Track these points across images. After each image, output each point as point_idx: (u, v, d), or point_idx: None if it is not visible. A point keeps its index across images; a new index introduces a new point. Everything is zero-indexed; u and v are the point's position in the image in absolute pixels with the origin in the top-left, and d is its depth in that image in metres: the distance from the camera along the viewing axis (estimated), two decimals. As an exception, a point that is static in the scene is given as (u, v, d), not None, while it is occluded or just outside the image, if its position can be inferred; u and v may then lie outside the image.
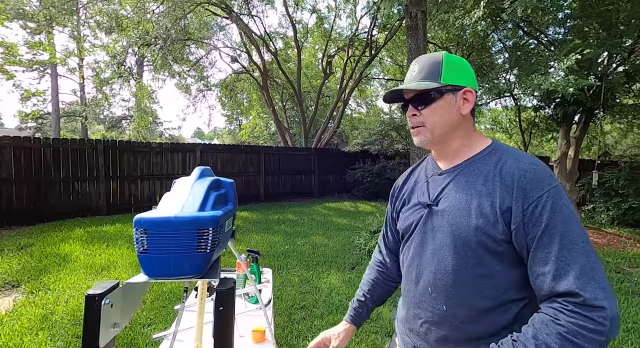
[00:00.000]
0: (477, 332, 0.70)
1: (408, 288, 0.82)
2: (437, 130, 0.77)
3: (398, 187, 0.95)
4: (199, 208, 0.66)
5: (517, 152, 0.74)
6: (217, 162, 8.24)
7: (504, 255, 0.68)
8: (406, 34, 5.03)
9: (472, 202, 0.71)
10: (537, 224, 0.63)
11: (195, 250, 0.62)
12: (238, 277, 1.73)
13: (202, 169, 0.82)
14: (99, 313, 0.50)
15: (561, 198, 0.64)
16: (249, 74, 12.52)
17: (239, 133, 23.05)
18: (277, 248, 4.51)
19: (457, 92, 0.78)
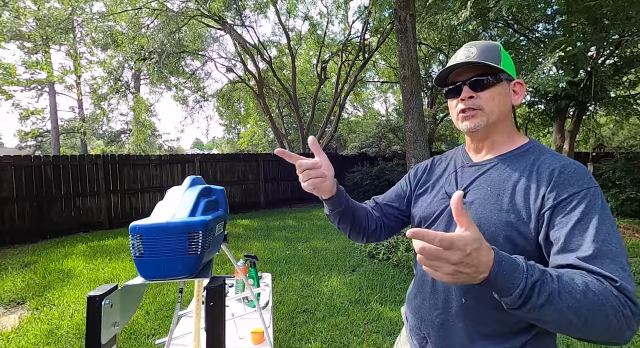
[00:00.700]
0: (495, 327, 0.68)
1: (424, 279, 0.80)
2: (493, 116, 0.74)
3: (428, 168, 0.92)
4: (189, 214, 0.71)
5: (556, 153, 0.73)
6: (216, 171, 8.31)
7: (530, 254, 0.65)
8: (397, 38, 5.13)
9: (504, 196, 0.68)
10: (570, 215, 0.60)
11: (187, 252, 0.67)
12: (237, 282, 1.77)
13: (192, 178, 0.87)
14: (99, 312, 0.55)
15: (599, 199, 0.61)
16: (245, 83, 12.65)
17: (237, 142, 23.18)
18: (279, 254, 4.55)
19: (510, 82, 0.76)
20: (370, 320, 2.66)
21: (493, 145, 0.78)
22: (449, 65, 0.76)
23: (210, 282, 0.66)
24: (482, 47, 0.75)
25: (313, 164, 0.77)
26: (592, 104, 5.35)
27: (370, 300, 3.02)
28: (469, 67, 0.75)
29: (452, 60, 0.77)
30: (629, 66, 4.93)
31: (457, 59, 0.76)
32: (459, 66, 0.75)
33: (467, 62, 0.74)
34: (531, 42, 6.07)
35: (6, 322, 2.77)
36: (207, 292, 0.64)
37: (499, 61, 0.73)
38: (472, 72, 0.75)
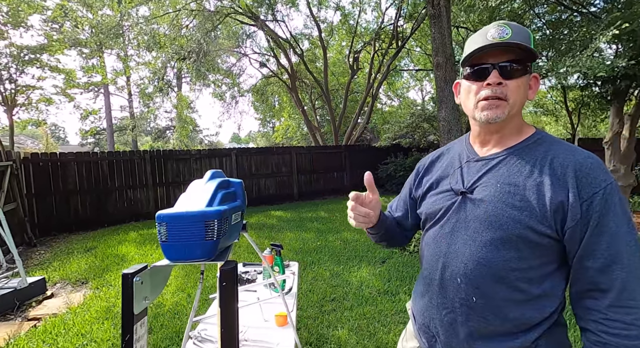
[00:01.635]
0: (506, 325, 0.68)
1: (432, 277, 0.78)
2: (514, 109, 0.70)
3: (424, 167, 0.91)
4: (207, 204, 0.80)
5: (566, 143, 0.70)
6: (251, 164, 8.64)
7: (545, 250, 0.66)
8: (430, 23, 4.92)
9: (516, 193, 0.67)
10: (588, 222, 0.62)
11: (204, 238, 0.75)
12: (265, 269, 1.88)
13: (212, 171, 0.95)
14: (132, 287, 0.65)
15: (615, 196, 0.62)
16: (278, 77, 12.88)
17: (272, 135, 23.76)
18: (310, 245, 4.67)
19: (529, 75, 0.72)
20: (398, 311, 2.67)
21: (502, 138, 0.75)
22: (484, 45, 0.68)
23: (225, 265, 0.74)
24: (516, 28, 0.68)
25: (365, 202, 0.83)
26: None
27: (399, 292, 3.02)
28: (503, 48, 0.68)
29: (481, 38, 0.70)
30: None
31: (488, 37, 0.68)
32: (496, 46, 0.68)
33: (506, 43, 0.66)
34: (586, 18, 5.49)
35: (73, 299, 3.18)
36: (220, 274, 0.71)
37: (532, 46, 0.68)
38: (503, 55, 0.69)
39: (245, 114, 32.69)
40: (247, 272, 2.03)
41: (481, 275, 0.69)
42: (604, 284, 0.61)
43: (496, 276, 0.67)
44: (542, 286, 0.67)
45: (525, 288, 0.67)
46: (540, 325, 0.67)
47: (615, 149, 5.59)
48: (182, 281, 3.44)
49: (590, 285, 0.63)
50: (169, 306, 2.90)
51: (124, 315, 0.65)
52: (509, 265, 0.67)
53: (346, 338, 2.32)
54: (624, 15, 3.31)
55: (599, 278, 0.62)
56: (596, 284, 0.62)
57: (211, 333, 1.35)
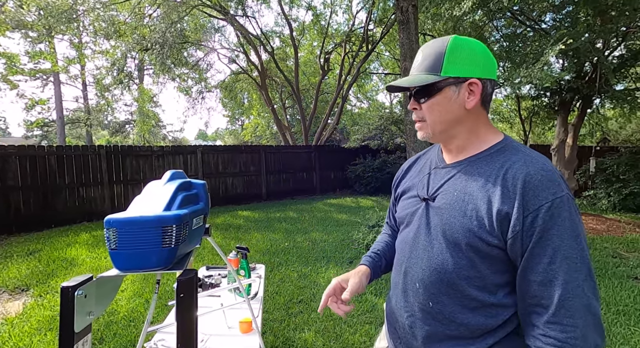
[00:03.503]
0: (461, 330, 0.69)
1: (396, 281, 0.81)
2: (437, 127, 0.73)
3: (403, 172, 0.93)
4: (164, 208, 0.73)
5: (528, 153, 0.68)
6: (218, 162, 8.35)
7: (495, 260, 0.66)
8: (398, 29, 5.05)
9: (468, 203, 0.68)
10: (531, 235, 0.61)
11: (161, 245, 0.69)
12: (229, 273, 1.81)
13: (172, 172, 0.89)
14: (72, 302, 0.58)
15: (564, 210, 0.61)
16: (247, 74, 12.59)
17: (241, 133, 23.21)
18: (278, 246, 4.60)
19: (461, 84, 0.70)
20: (364, 311, 2.71)
21: (460, 148, 0.76)
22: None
23: (182, 274, 0.68)
24: (426, 53, 0.73)
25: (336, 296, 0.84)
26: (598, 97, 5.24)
27: (365, 292, 3.06)
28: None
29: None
30: (635, 59, 4.82)
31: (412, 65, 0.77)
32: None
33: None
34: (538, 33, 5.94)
35: (10, 308, 2.86)
36: (178, 284, 0.66)
37: (439, 68, 0.70)
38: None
39: (212, 110, 31.58)
40: (211, 276, 1.93)
41: (436, 281, 0.71)
42: (545, 299, 0.61)
43: (450, 283, 0.69)
44: (496, 295, 0.68)
45: (478, 295, 0.68)
46: (496, 332, 0.68)
47: (561, 155, 6.12)
48: (140, 285, 3.23)
49: (533, 299, 0.63)
50: (123, 313, 2.70)
51: (62, 333, 0.58)
52: (462, 273, 0.68)
53: (312, 341, 2.30)
54: (569, 33, 3.62)
55: (540, 293, 0.62)
56: (538, 299, 0.62)
57: (170, 343, 1.26)
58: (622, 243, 4.46)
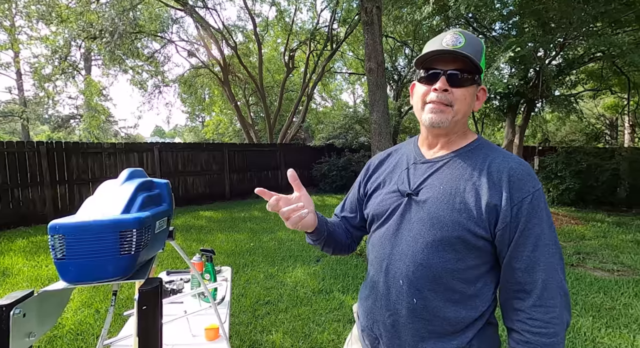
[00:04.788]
0: (444, 326, 0.70)
1: (376, 279, 0.78)
2: (458, 116, 0.72)
3: (374, 166, 0.90)
4: (122, 211, 0.66)
5: (502, 150, 0.74)
6: (177, 161, 7.93)
7: (480, 251, 0.68)
8: (363, 29, 5.14)
9: (456, 195, 0.69)
10: (517, 226, 0.65)
11: (119, 253, 0.62)
12: (193, 278, 1.71)
13: (131, 170, 0.80)
14: (7, 323, 0.49)
15: (541, 202, 0.67)
16: (209, 68, 12.09)
17: (202, 130, 22.25)
18: (243, 246, 4.47)
19: (479, 86, 0.74)
20: (332, 309, 2.71)
21: (447, 142, 0.77)
22: (435, 49, 0.70)
23: (145, 283, 0.61)
24: (471, 39, 0.70)
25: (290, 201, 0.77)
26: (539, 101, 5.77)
27: (333, 290, 3.07)
28: (453, 56, 0.69)
29: (436, 43, 0.71)
30: (570, 67, 5.38)
31: (443, 43, 0.70)
32: (445, 53, 0.69)
33: (456, 52, 0.68)
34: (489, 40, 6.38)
35: None
36: (140, 295, 0.59)
37: (480, 58, 0.70)
38: (453, 62, 0.70)
39: (171, 105, 29.90)
40: (172, 281, 1.82)
41: (422, 276, 0.70)
42: (529, 285, 0.65)
43: (435, 277, 0.69)
44: (476, 286, 0.70)
45: (461, 288, 0.69)
46: (474, 324, 0.70)
47: (509, 154, 6.64)
48: (89, 294, 2.96)
49: (517, 285, 0.67)
50: (70, 326, 2.45)
51: (-3, 360, 0.49)
52: (447, 266, 0.69)
53: (281, 342, 2.26)
54: (517, 41, 3.93)
55: (524, 279, 0.66)
56: (522, 285, 0.66)
57: (126, 357, 1.15)
58: (560, 234, 4.95)
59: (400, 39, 10.92)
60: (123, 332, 1.32)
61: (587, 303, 2.78)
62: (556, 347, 0.64)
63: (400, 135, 11.85)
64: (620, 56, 4.79)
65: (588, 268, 3.64)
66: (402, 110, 11.12)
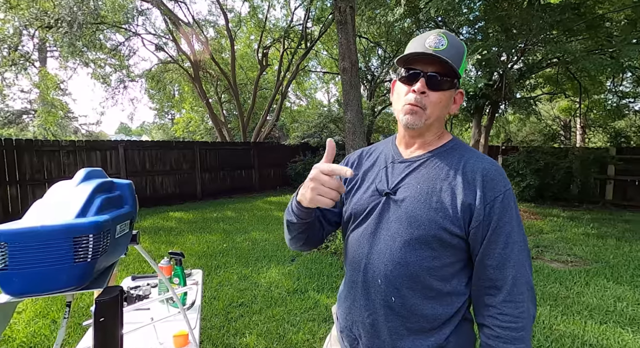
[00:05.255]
0: (422, 323, 0.71)
1: (354, 279, 0.77)
2: (431, 120, 0.73)
3: (353, 163, 0.88)
4: (77, 214, 0.60)
5: (475, 151, 0.76)
6: (145, 160, 7.56)
7: (455, 249, 0.70)
8: (337, 29, 5.16)
9: (433, 195, 0.70)
10: (489, 224, 0.67)
11: (73, 260, 0.57)
12: (161, 282, 1.63)
13: (87, 170, 0.74)
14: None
15: (512, 200, 0.69)
16: (178, 64, 11.62)
17: (171, 128, 21.39)
18: (215, 247, 4.35)
19: (456, 90, 0.75)
20: (307, 309, 2.70)
21: (424, 142, 0.78)
22: (417, 51, 0.70)
23: (103, 293, 0.57)
24: (453, 42, 0.71)
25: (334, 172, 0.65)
26: (503, 103, 6.09)
27: (308, 289, 3.06)
28: (434, 58, 0.70)
29: (419, 43, 0.72)
30: (530, 72, 5.74)
31: (425, 44, 0.70)
32: (426, 55, 0.70)
33: (437, 56, 0.68)
34: (457, 44, 6.63)
35: None
36: (97, 306, 0.55)
37: (459, 65, 0.71)
38: (433, 64, 0.71)
39: (137, 102, 28.47)
40: (138, 286, 1.72)
41: (400, 275, 0.70)
42: (499, 281, 0.68)
43: (413, 275, 0.70)
44: (451, 283, 0.72)
45: (437, 285, 0.71)
46: (451, 320, 0.72)
47: (476, 153, 6.96)
48: (43, 304, 2.74)
49: (488, 282, 0.69)
50: (21, 339, 2.26)
51: None
52: (424, 264, 0.70)
53: (255, 345, 2.22)
54: (483, 45, 4.12)
55: (495, 276, 0.68)
56: (493, 281, 0.68)
57: (86, 371, 1.07)
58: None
59: (374, 40, 11.10)
60: (82, 344, 1.23)
61: (545, 293, 2.97)
62: (524, 339, 0.66)
63: (373, 135, 12.06)
64: (573, 62, 5.17)
65: (546, 261, 3.90)
66: (376, 110, 11.32)
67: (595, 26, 5.26)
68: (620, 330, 2.36)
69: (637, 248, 4.26)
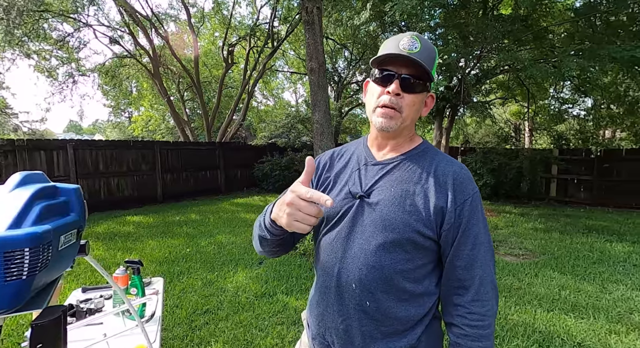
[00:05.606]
0: (396, 326, 0.71)
1: (327, 284, 0.76)
2: (406, 122, 0.73)
3: (325, 165, 0.86)
4: (10, 225, 0.53)
5: (444, 154, 0.78)
6: (98, 160, 7.02)
7: (427, 251, 0.71)
8: (304, 29, 5.15)
9: (406, 198, 0.70)
10: (459, 226, 0.69)
11: (4, 279, 0.50)
12: (115, 294, 1.51)
13: (24, 174, 0.65)
14: None
15: (479, 203, 0.72)
16: (136, 59, 10.95)
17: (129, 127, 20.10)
18: (178, 253, 4.14)
19: (428, 92, 0.76)
20: (275, 313, 2.66)
21: (396, 145, 0.78)
22: (391, 53, 0.70)
23: (41, 315, 0.50)
24: (426, 45, 0.71)
25: (313, 198, 0.60)
26: (462, 106, 6.45)
27: (277, 292, 3.02)
28: (408, 60, 0.69)
29: (393, 44, 0.71)
30: (485, 77, 6.14)
31: (400, 46, 0.70)
32: (401, 57, 0.69)
33: (411, 58, 0.68)
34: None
35: None
36: (33, 331, 0.48)
37: (432, 68, 0.72)
38: (407, 66, 0.70)
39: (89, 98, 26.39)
40: (89, 299, 1.58)
41: (374, 279, 0.70)
42: (467, 281, 0.70)
43: (387, 278, 0.70)
44: (423, 284, 0.73)
45: (410, 287, 0.71)
46: (422, 321, 0.73)
47: (437, 154, 7.30)
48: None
49: (457, 282, 0.71)
50: (-50, 366, 1.99)
51: None
52: (398, 267, 0.70)
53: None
54: (444, 50, 4.33)
55: (463, 276, 0.70)
56: (461, 281, 0.70)
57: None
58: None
59: (340, 42, 11.24)
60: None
61: (500, 285, 3.18)
62: (489, 336, 0.69)
63: (341, 135, 12.21)
64: (522, 70, 5.60)
65: (501, 254, 4.18)
66: (343, 111, 11.46)
67: (540, 37, 5.75)
68: (564, 316, 2.59)
69: (577, 240, 4.71)
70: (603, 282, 3.25)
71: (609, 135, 12.15)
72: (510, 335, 2.34)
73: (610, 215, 6.49)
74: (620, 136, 11.30)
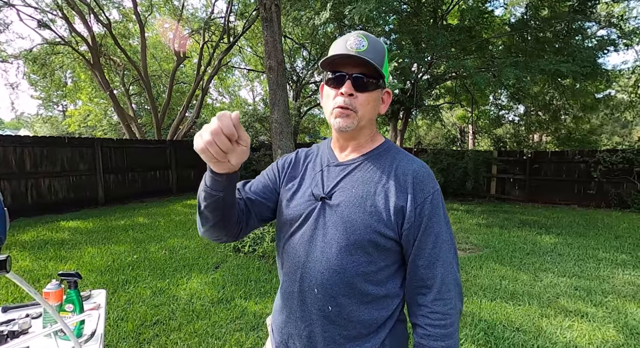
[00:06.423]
0: (359, 329, 0.70)
1: (290, 290, 0.75)
2: (363, 122, 0.73)
3: (290, 164, 0.84)
4: None
5: (406, 153, 0.77)
6: (24, 159, 6.19)
7: (389, 252, 0.70)
8: (262, 26, 5.03)
9: (367, 198, 0.69)
10: (419, 225, 0.68)
11: None
12: (45, 312, 1.32)
13: None
14: None
15: (440, 201, 0.71)
16: (71, 46, 9.86)
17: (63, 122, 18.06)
18: (123, 260, 3.79)
19: (383, 89, 0.75)
20: (233, 319, 2.55)
21: (358, 145, 0.78)
22: (339, 53, 0.69)
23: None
24: (373, 42, 0.71)
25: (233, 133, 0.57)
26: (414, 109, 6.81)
27: (234, 297, 2.90)
28: (357, 60, 0.69)
29: (341, 45, 0.70)
30: (436, 82, 6.56)
31: (347, 46, 0.69)
32: (349, 57, 0.69)
33: (359, 57, 0.68)
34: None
35: None
36: None
37: (382, 65, 0.71)
38: (356, 66, 0.70)
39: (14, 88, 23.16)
40: (12, 320, 1.37)
41: (335, 283, 0.69)
42: (429, 280, 0.69)
43: (349, 282, 0.69)
44: (386, 286, 0.72)
45: (372, 290, 0.70)
46: (386, 323, 0.72)
47: (392, 154, 7.63)
48: None
49: (420, 282, 0.70)
50: None
51: None
52: (359, 270, 0.69)
53: (174, 366, 1.99)
54: (399, 54, 4.52)
55: (425, 275, 0.69)
56: (424, 280, 0.70)
57: None
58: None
59: (299, 41, 11.21)
60: None
61: (450, 277, 3.39)
62: (452, 335, 0.69)
63: (300, 135, 12.19)
64: (467, 77, 6.07)
65: (450, 248, 4.47)
66: (302, 111, 11.44)
67: (482, 48, 6.27)
68: (504, 304, 2.83)
69: (514, 234, 5.21)
70: (535, 271, 3.62)
71: (537, 139, 13.68)
72: (460, 325, 2.50)
73: (539, 210, 7.28)
74: (547, 140, 12.79)
